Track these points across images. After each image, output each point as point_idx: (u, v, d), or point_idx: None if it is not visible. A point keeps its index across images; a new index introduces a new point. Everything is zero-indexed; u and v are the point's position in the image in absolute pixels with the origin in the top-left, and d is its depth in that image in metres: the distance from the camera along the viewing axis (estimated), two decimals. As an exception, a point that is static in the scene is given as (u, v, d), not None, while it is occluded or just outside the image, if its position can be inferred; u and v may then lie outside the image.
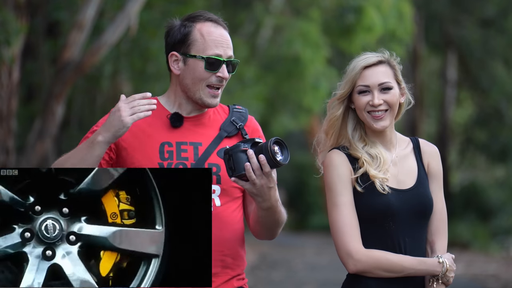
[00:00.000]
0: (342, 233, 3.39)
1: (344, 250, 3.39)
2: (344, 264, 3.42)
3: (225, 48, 3.56)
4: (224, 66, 3.55)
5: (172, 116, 3.59)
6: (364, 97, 3.46)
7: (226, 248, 3.53)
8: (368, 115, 3.47)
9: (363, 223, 3.42)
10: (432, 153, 3.61)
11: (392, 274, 3.39)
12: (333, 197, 3.43)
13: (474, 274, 14.74)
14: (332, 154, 3.47)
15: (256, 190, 3.36)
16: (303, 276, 14.67)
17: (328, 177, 3.44)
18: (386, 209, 3.41)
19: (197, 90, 3.56)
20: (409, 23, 17.61)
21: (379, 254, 3.38)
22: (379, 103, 3.45)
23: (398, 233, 3.43)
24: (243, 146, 3.35)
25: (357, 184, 3.43)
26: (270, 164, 3.32)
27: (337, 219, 3.41)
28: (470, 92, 27.11)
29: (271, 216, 3.50)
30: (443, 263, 3.43)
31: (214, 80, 3.55)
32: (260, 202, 3.43)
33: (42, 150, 11.25)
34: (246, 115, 3.68)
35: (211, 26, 3.59)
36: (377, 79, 3.46)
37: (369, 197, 3.42)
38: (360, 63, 3.47)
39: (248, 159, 3.33)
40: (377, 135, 3.53)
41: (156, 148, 3.54)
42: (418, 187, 3.50)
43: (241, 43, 16.20)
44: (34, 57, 14.23)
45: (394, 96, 3.48)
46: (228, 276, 3.55)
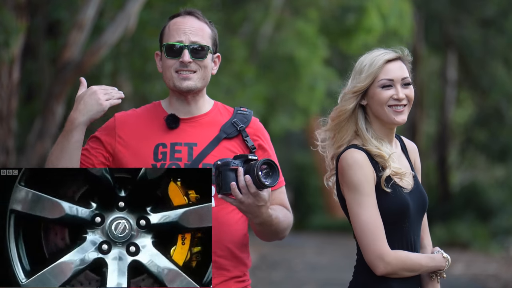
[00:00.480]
0: (372, 235, 3.34)
1: (375, 252, 3.34)
2: (373, 266, 3.35)
3: (187, 34, 3.57)
4: (186, 51, 3.55)
5: (168, 117, 3.60)
6: (387, 91, 3.44)
7: (219, 249, 3.51)
8: (390, 109, 3.45)
9: (385, 225, 3.38)
10: (415, 150, 3.64)
11: (412, 273, 3.39)
12: (360, 198, 3.36)
13: (474, 274, 14.74)
14: (354, 152, 3.40)
15: (244, 207, 3.35)
16: (303, 276, 14.66)
17: (354, 177, 3.37)
18: (405, 209, 3.40)
19: (169, 79, 3.59)
20: (409, 21, 17.61)
21: (404, 255, 3.37)
22: (403, 97, 3.44)
23: (410, 232, 3.43)
24: (232, 164, 3.33)
25: (384, 185, 3.39)
26: (256, 185, 3.30)
27: (366, 221, 3.35)
28: (470, 92, 27.09)
29: (267, 229, 3.49)
30: (446, 258, 3.44)
31: (178, 65, 3.56)
32: (251, 218, 3.43)
33: (42, 150, 11.25)
34: (249, 117, 3.65)
35: (180, 18, 3.62)
36: (401, 74, 3.46)
37: (392, 198, 3.39)
38: (382, 57, 3.45)
39: (236, 178, 3.32)
40: (386, 133, 3.50)
41: (151, 149, 3.55)
42: (417, 185, 3.51)
43: (240, 43, 16.19)
44: (34, 57, 14.23)
45: (413, 92, 3.50)
46: (223, 277, 3.53)
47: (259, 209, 3.36)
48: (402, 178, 3.43)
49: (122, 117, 3.66)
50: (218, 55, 3.68)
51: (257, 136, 3.64)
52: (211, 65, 3.63)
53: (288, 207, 3.66)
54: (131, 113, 3.69)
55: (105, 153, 3.58)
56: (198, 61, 3.56)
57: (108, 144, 3.59)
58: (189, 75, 3.56)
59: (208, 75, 3.62)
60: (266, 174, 3.32)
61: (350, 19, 16.57)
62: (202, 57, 3.57)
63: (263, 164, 3.31)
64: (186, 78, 3.56)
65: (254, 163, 3.32)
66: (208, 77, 3.62)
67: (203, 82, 3.60)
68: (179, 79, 3.56)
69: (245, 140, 3.60)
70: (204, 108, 3.65)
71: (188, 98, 3.60)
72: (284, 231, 3.57)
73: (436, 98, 29.01)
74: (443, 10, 24.28)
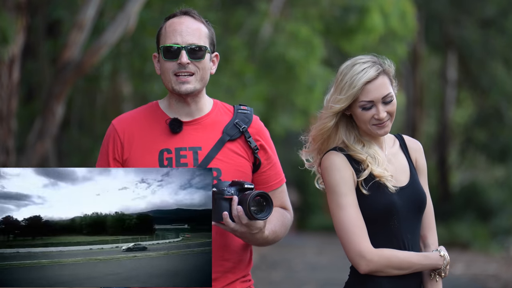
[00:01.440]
0: (351, 234, 3.38)
1: (355, 251, 3.37)
2: (355, 265, 3.40)
3: (184, 35, 3.52)
4: (183, 52, 3.50)
5: (171, 122, 3.55)
6: (368, 111, 3.44)
7: (226, 253, 3.51)
8: (373, 126, 3.47)
9: (368, 223, 3.41)
10: (418, 149, 3.63)
11: (401, 271, 3.40)
12: (338, 199, 3.41)
13: (474, 274, 14.74)
14: (331, 156, 3.46)
15: (238, 234, 3.37)
16: (303, 276, 14.66)
17: (330, 179, 3.43)
18: (391, 208, 3.42)
19: (168, 81, 3.54)
20: (411, 21, 17.60)
21: (389, 253, 3.39)
22: (383, 116, 3.44)
23: (401, 231, 3.44)
24: (227, 193, 3.33)
25: (362, 187, 3.42)
26: (248, 217, 3.31)
27: (344, 220, 3.39)
28: (470, 92, 27.10)
29: (265, 244, 3.51)
30: (444, 256, 3.45)
31: (176, 67, 3.52)
32: (247, 242, 3.46)
33: (42, 150, 11.25)
34: (250, 116, 3.63)
35: (176, 19, 3.57)
36: (381, 93, 3.44)
37: (373, 198, 3.42)
38: (361, 78, 3.42)
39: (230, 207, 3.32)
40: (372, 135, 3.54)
41: (156, 156, 3.51)
42: (413, 184, 3.52)
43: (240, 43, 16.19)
44: (34, 57, 14.24)
45: (395, 105, 3.49)
46: (228, 280, 3.54)
47: (253, 236, 3.38)
48: (388, 179, 3.44)
49: (121, 123, 3.60)
50: (216, 54, 3.64)
51: (258, 136, 3.62)
52: (209, 65, 3.59)
53: (288, 207, 3.66)
54: (129, 117, 3.62)
55: (115, 164, 3.54)
56: (196, 62, 3.52)
57: (119, 157, 3.55)
58: (188, 78, 3.51)
59: (207, 75, 3.58)
60: (258, 206, 3.31)
61: (352, 19, 16.56)
62: (200, 58, 3.53)
63: (257, 196, 3.31)
64: (185, 81, 3.51)
65: (248, 193, 3.31)
66: (207, 78, 3.58)
67: (202, 83, 3.56)
68: (178, 83, 3.52)
69: (248, 141, 3.58)
70: (205, 109, 3.62)
71: (187, 100, 3.57)
72: (281, 238, 3.58)
73: (436, 98, 29.02)
74: (443, 10, 24.29)
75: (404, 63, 25.47)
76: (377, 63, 3.47)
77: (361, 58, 3.49)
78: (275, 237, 3.50)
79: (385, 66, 3.48)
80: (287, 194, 3.69)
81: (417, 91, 26.58)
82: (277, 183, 3.62)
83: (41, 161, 11.46)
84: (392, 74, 3.51)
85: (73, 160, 14.71)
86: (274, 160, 3.63)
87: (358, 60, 3.48)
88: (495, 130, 24.45)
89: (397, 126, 29.15)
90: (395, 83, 3.52)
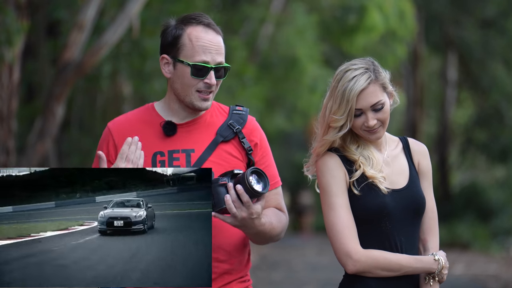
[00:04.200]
0: (340, 235, 3.40)
1: (342, 251, 3.40)
2: (343, 265, 3.42)
3: (213, 54, 3.49)
4: (212, 72, 3.49)
5: (165, 125, 3.54)
6: (358, 119, 3.46)
7: (221, 255, 3.50)
8: (365, 132, 3.49)
9: (360, 224, 3.43)
10: (422, 152, 3.62)
11: (390, 273, 3.41)
12: (329, 199, 3.45)
13: (474, 274, 14.75)
14: (325, 157, 3.49)
15: (239, 222, 3.36)
16: (303, 276, 14.67)
17: (322, 180, 3.46)
18: (381, 209, 3.43)
19: (186, 95, 3.52)
20: (410, 21, 17.61)
21: (377, 254, 3.40)
22: (373, 124, 3.46)
23: (394, 233, 3.45)
24: (221, 180, 3.33)
25: (354, 187, 3.44)
26: (248, 194, 3.30)
27: (334, 221, 3.42)
28: (470, 93, 27.12)
29: (261, 238, 3.50)
30: (438, 261, 3.46)
31: (202, 86, 3.50)
32: (246, 231, 3.44)
33: (43, 150, 11.25)
34: (245, 116, 3.61)
35: (201, 31, 3.51)
36: (370, 101, 3.44)
37: (365, 199, 3.43)
38: (352, 90, 3.43)
39: (227, 192, 3.32)
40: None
41: (149, 158, 3.50)
42: (411, 186, 3.51)
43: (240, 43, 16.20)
44: (35, 57, 14.24)
45: (386, 112, 3.48)
46: (225, 280, 3.53)
47: (252, 222, 3.36)
48: (380, 180, 3.44)
49: (116, 126, 3.60)
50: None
51: (253, 136, 3.61)
52: None
53: (284, 209, 3.64)
54: (124, 120, 3.62)
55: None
56: (218, 81, 3.54)
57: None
58: (209, 96, 3.53)
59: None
60: (256, 181, 3.32)
61: (352, 19, 16.56)
62: (223, 77, 3.56)
63: (252, 173, 3.31)
64: (206, 99, 3.52)
65: (241, 174, 3.33)
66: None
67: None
68: (200, 99, 3.51)
69: (241, 141, 3.57)
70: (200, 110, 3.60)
71: (196, 110, 3.58)
72: (278, 235, 3.56)
73: (437, 98, 29.04)
74: (443, 11, 24.31)
75: (404, 63, 25.49)
76: (369, 70, 3.46)
77: (354, 63, 3.49)
78: (271, 229, 3.49)
79: (377, 73, 3.48)
80: (283, 197, 3.68)
81: (417, 91, 26.58)
82: (271, 185, 3.57)
83: (41, 161, 11.46)
84: (386, 80, 3.49)
85: (73, 160, 14.71)
86: (268, 161, 3.62)
87: (351, 66, 3.48)
88: (495, 131, 24.47)
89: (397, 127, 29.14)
90: (390, 88, 3.51)
